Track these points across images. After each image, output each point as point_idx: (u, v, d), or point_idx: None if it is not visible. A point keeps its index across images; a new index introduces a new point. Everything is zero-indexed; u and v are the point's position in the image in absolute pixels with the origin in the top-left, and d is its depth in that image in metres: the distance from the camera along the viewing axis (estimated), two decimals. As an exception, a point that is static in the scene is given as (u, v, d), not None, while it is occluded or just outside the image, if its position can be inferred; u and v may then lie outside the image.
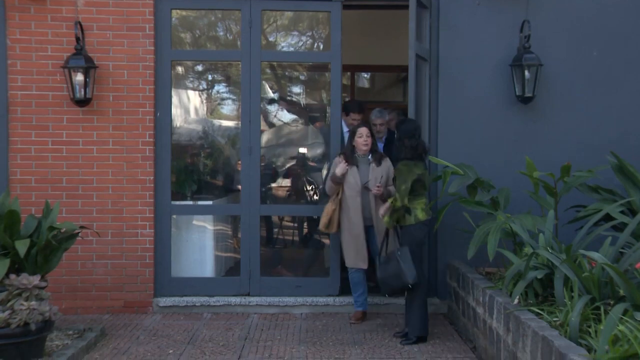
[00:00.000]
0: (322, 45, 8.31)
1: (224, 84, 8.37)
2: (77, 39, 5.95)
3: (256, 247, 6.34)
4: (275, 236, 7.78)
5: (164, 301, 6.19)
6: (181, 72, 7.67)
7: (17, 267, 4.87)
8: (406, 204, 5.21)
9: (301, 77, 9.17)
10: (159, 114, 6.23)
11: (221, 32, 7.79)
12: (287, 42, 8.45)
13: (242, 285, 6.34)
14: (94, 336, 5.20)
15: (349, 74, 9.81)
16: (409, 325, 5.30)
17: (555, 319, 3.82)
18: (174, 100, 6.59)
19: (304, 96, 9.34)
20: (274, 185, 7.77)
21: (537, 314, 3.98)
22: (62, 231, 5.28)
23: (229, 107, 8.38)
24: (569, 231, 5.15)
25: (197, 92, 8.15)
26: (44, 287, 4.69)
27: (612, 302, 3.65)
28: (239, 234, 6.53)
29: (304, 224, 7.39)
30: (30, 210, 5.63)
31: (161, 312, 6.17)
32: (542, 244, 4.46)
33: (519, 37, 6.05)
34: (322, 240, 6.97)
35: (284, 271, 6.98)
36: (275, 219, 7.62)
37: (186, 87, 7.89)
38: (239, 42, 6.52)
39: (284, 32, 8.43)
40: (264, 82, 7.73)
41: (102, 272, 6.13)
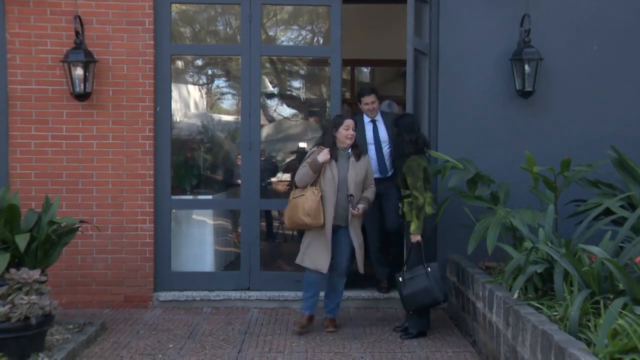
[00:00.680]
0: (322, 39, 8.31)
1: (224, 79, 8.37)
2: (77, 33, 5.93)
3: (256, 242, 6.34)
4: (275, 231, 7.79)
5: (164, 295, 6.20)
6: (181, 67, 7.67)
7: (17, 262, 4.88)
8: (428, 200, 5.16)
9: (301, 71, 9.17)
10: (158, 109, 6.22)
11: (221, 27, 7.78)
12: (287, 37, 8.45)
13: (242, 279, 6.35)
14: (94, 330, 5.21)
15: (349, 68, 9.80)
16: (410, 319, 5.30)
17: (554, 313, 3.83)
18: (174, 94, 6.59)
19: (304, 91, 9.34)
20: (273, 179, 7.79)
21: (537, 308, 3.98)
22: (62, 225, 5.29)
23: (228, 102, 8.40)
24: (568, 225, 5.15)
25: (197, 87, 8.15)
26: (44, 282, 4.69)
27: (611, 296, 3.66)
28: (239, 229, 6.54)
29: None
30: (30, 204, 5.63)
31: (161, 307, 6.18)
32: (542, 239, 4.47)
33: (519, 31, 6.03)
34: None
35: (284, 265, 6.99)
36: (275, 213, 7.63)
37: (186, 82, 7.89)
38: (238, 37, 6.51)
39: (283, 27, 8.43)
40: (263, 76, 7.74)
41: (102, 266, 6.13)
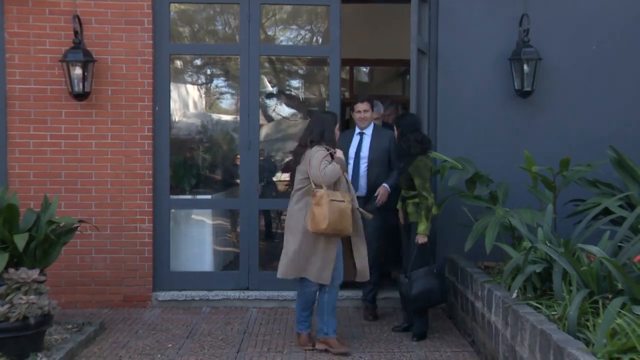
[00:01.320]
0: (321, 39, 8.31)
1: (223, 78, 8.38)
2: (76, 33, 5.94)
3: (255, 241, 6.35)
4: (274, 230, 7.79)
5: (163, 295, 6.20)
6: (180, 66, 7.67)
7: (16, 261, 4.87)
8: (433, 202, 5.10)
9: (300, 71, 9.18)
10: (157, 108, 6.22)
11: (220, 26, 7.78)
12: (286, 36, 8.45)
13: (241, 279, 6.35)
14: (93, 330, 5.21)
15: (348, 68, 9.80)
16: (417, 320, 5.25)
17: (553, 313, 3.83)
18: (173, 94, 6.59)
19: (303, 90, 9.35)
20: (272, 179, 7.79)
21: (536, 308, 3.99)
22: (61, 225, 5.29)
23: (227, 101, 8.40)
24: (567, 225, 5.15)
25: (195, 86, 8.15)
26: (42, 281, 4.69)
27: (610, 296, 3.66)
28: (238, 228, 6.54)
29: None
30: (29, 204, 5.63)
31: (160, 307, 6.18)
32: (541, 238, 4.47)
33: (518, 30, 6.04)
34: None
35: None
36: (274, 213, 7.63)
37: (185, 81, 7.89)
38: (237, 36, 6.51)
39: (282, 26, 8.43)
40: (262, 76, 7.75)
41: (101, 266, 6.13)
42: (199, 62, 8.08)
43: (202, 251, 6.78)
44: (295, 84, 9.36)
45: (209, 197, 6.97)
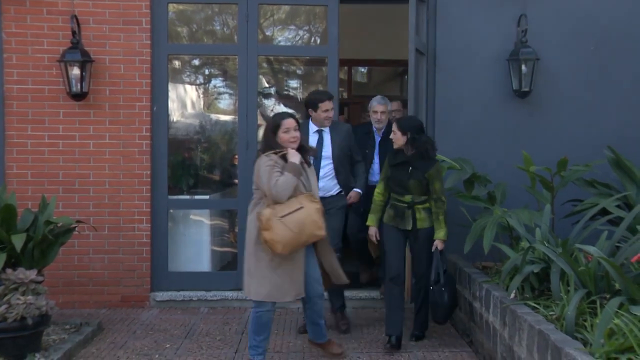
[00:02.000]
0: (319, 39, 8.32)
1: (221, 78, 8.38)
2: (73, 33, 5.93)
3: (253, 242, 6.33)
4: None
5: (161, 295, 6.20)
6: (178, 67, 7.67)
7: (13, 262, 4.88)
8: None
9: (298, 71, 9.19)
10: (155, 108, 6.22)
11: (218, 26, 7.78)
12: (284, 36, 8.45)
13: (239, 279, 6.32)
14: (90, 330, 5.21)
15: (346, 68, 9.81)
16: (420, 323, 5.25)
17: (551, 313, 3.84)
18: (171, 94, 6.59)
19: (301, 90, 9.36)
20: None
21: (534, 308, 4.00)
22: (59, 225, 5.30)
23: (225, 102, 8.40)
24: (565, 225, 5.16)
25: (194, 87, 8.15)
26: (40, 282, 4.69)
27: (608, 296, 3.67)
28: (236, 229, 6.54)
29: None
30: (26, 204, 5.62)
31: (158, 307, 6.18)
32: (539, 238, 4.48)
33: (516, 31, 6.05)
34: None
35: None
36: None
37: (183, 82, 7.89)
38: (235, 36, 6.51)
39: (281, 26, 8.43)
40: (261, 76, 7.75)
41: (99, 266, 6.13)
42: (197, 62, 8.08)
43: (200, 251, 6.77)
44: (293, 84, 9.36)
45: (207, 197, 6.97)
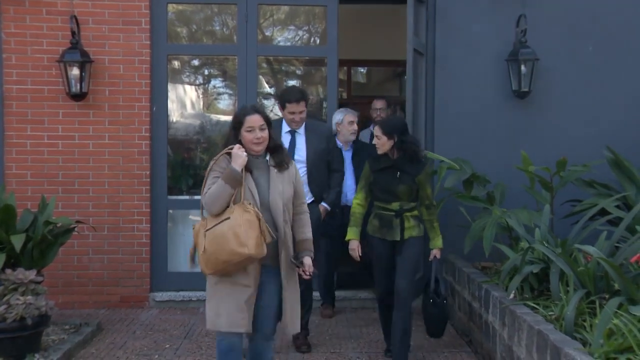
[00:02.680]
0: (318, 39, 8.30)
1: (221, 79, 8.36)
2: (73, 33, 5.93)
3: (252, 242, 6.32)
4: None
5: (160, 296, 6.20)
6: (177, 67, 7.65)
7: (13, 262, 4.88)
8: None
9: (297, 71, 9.17)
10: (155, 109, 6.22)
11: (217, 27, 7.77)
12: (284, 37, 8.43)
13: (238, 279, 6.34)
14: (90, 331, 5.22)
15: (345, 68, 9.81)
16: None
17: (550, 313, 3.85)
18: (170, 94, 6.59)
19: (301, 91, 9.33)
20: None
21: (533, 308, 4.00)
22: (58, 226, 5.30)
23: (225, 102, 8.38)
24: (564, 225, 5.17)
25: (193, 87, 8.14)
26: (40, 282, 4.70)
27: (607, 296, 3.68)
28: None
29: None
30: (26, 204, 5.62)
31: (157, 307, 6.18)
32: (538, 239, 4.49)
33: (515, 31, 6.05)
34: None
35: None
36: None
37: (182, 82, 7.88)
38: (235, 37, 6.51)
39: (280, 27, 8.42)
40: (260, 76, 7.74)
41: (99, 266, 6.13)
42: (196, 62, 8.06)
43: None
44: (292, 84, 9.35)
45: (206, 197, 6.94)
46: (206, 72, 8.29)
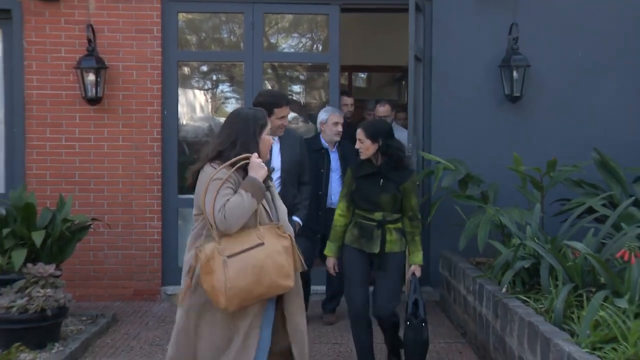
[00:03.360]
0: (321, 46, 8.34)
1: (228, 84, 8.40)
2: (89, 41, 5.97)
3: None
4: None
5: (171, 289, 6.23)
6: (187, 72, 7.69)
7: (33, 257, 4.93)
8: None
9: (301, 77, 9.20)
10: (166, 112, 6.26)
11: (225, 34, 7.81)
12: (288, 44, 8.47)
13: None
14: (106, 322, 5.26)
15: (346, 74, 9.83)
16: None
17: (540, 306, 3.87)
18: (181, 99, 6.62)
19: (304, 95, 9.37)
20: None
21: (524, 301, 4.02)
22: (75, 223, 5.34)
23: (232, 106, 8.41)
24: (554, 223, 5.19)
25: (202, 91, 8.18)
26: (58, 276, 4.74)
27: (594, 290, 3.69)
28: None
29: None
30: (45, 203, 5.66)
31: (169, 300, 6.21)
32: (529, 235, 4.49)
33: (508, 39, 6.08)
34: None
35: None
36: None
37: (192, 87, 7.92)
38: (242, 44, 6.55)
39: (284, 34, 8.45)
40: (265, 81, 7.76)
41: (113, 261, 6.16)
42: (205, 68, 8.10)
43: (208, 247, 6.78)
44: (296, 89, 9.38)
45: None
46: (214, 77, 8.33)
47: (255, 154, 2.85)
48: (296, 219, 4.56)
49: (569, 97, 6.18)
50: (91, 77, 5.91)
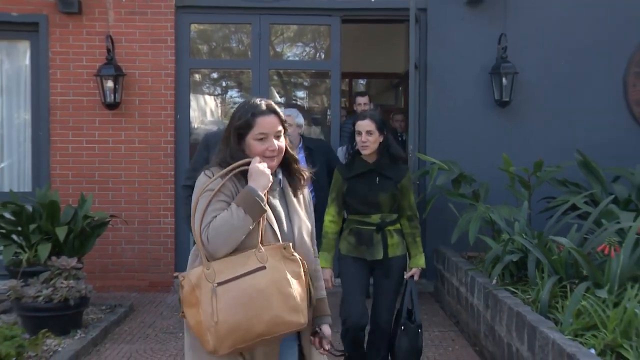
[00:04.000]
0: (323, 55, 8.38)
1: (236, 90, 8.44)
2: (108, 51, 6.02)
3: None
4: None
5: (184, 281, 6.27)
6: (198, 79, 7.74)
7: (57, 251, 4.98)
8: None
9: (305, 83, 9.25)
10: (179, 116, 6.30)
11: (234, 44, 7.86)
12: (293, 52, 8.52)
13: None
14: (123, 311, 5.30)
15: (347, 80, 9.86)
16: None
17: (528, 297, 3.88)
18: (192, 104, 6.66)
19: (307, 100, 9.42)
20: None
21: (513, 293, 4.04)
22: (95, 219, 5.38)
23: (240, 111, 8.46)
24: (540, 219, 5.19)
25: (212, 97, 8.23)
26: (80, 268, 4.79)
27: (576, 281, 3.71)
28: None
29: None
30: (67, 200, 5.70)
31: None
32: (517, 231, 4.51)
33: (497, 48, 6.12)
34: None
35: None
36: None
37: (203, 92, 7.97)
38: (249, 52, 6.59)
39: (289, 44, 8.50)
40: (271, 87, 7.81)
41: (130, 255, 6.20)
42: (215, 75, 8.15)
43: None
44: (300, 94, 9.43)
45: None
46: (224, 84, 8.37)
47: (257, 158, 2.10)
48: None
49: (554, 102, 6.20)
50: (110, 83, 5.96)
